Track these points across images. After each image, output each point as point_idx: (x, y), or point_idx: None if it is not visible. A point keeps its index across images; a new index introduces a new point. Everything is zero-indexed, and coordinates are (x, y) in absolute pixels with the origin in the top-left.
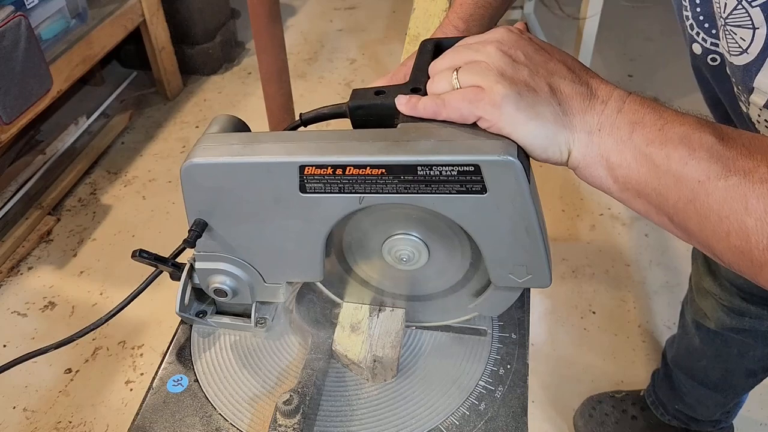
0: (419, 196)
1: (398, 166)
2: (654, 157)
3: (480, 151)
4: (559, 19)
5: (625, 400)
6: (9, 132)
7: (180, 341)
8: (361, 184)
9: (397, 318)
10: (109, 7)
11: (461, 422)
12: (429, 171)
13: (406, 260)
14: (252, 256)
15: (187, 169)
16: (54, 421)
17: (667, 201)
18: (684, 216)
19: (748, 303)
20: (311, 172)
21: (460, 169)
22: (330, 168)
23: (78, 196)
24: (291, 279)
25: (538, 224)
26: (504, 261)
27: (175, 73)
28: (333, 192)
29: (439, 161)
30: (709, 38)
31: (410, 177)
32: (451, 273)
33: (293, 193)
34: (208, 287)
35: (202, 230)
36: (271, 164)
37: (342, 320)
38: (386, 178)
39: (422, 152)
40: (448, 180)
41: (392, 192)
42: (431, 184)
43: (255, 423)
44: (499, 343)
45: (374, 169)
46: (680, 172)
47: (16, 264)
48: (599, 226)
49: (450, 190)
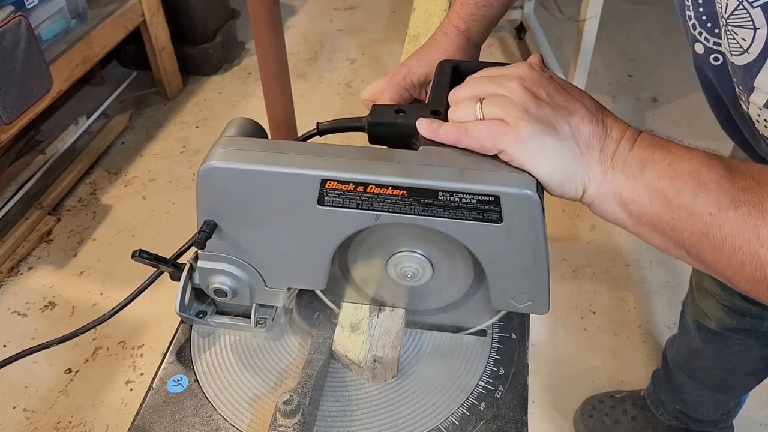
0: (436, 220)
1: (420, 189)
2: (666, 192)
3: (502, 182)
4: (559, 20)
5: (626, 400)
6: (9, 132)
7: (180, 341)
8: (380, 203)
9: (398, 318)
10: (109, 7)
11: (461, 422)
12: (450, 197)
13: (410, 277)
14: (257, 261)
15: (205, 171)
16: (54, 421)
17: (682, 234)
18: (699, 249)
19: (749, 303)
20: (332, 187)
21: (480, 198)
22: (352, 184)
23: (78, 196)
24: (293, 285)
25: (546, 256)
26: (508, 288)
27: (175, 73)
28: (351, 207)
29: (462, 189)
30: (711, 38)
31: (430, 201)
32: (451, 292)
33: (311, 205)
34: (208, 287)
35: (212, 231)
36: (293, 175)
37: (342, 320)
38: (406, 199)
39: (445, 178)
40: (466, 207)
41: (409, 213)
42: (449, 209)
43: (255, 423)
44: (499, 343)
45: (396, 190)
46: (691, 205)
47: (16, 264)
48: (599, 226)
49: (467, 217)
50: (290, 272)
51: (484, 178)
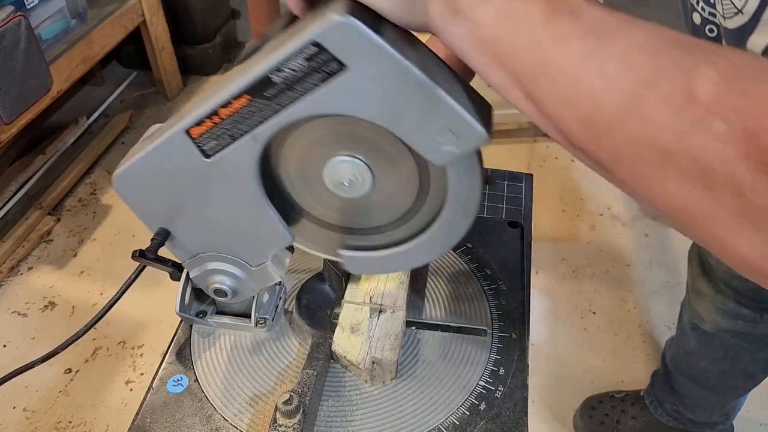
0: (297, 105)
1: (253, 85)
2: (514, 15)
3: (311, 25)
4: None
5: (625, 401)
6: (9, 132)
7: (180, 341)
8: (242, 122)
9: (398, 320)
10: (109, 7)
11: (461, 422)
12: (281, 73)
13: (349, 184)
14: (220, 244)
15: (115, 184)
16: (54, 421)
17: (522, 66)
18: (535, 83)
19: (741, 306)
20: (197, 133)
21: (306, 55)
22: (206, 120)
23: (78, 196)
24: (267, 251)
25: (425, 77)
26: (419, 131)
27: (175, 73)
28: (229, 143)
29: (283, 57)
30: (707, 7)
31: (273, 90)
32: (400, 198)
33: (201, 163)
34: (208, 287)
35: (165, 238)
36: (165, 142)
37: (342, 321)
38: (256, 102)
39: (265, 59)
40: (305, 73)
41: (272, 114)
42: (294, 87)
43: (255, 423)
44: (499, 342)
45: (238, 100)
46: (536, 32)
47: (16, 264)
48: (599, 226)
49: (315, 83)
50: (252, 239)
51: (299, 34)
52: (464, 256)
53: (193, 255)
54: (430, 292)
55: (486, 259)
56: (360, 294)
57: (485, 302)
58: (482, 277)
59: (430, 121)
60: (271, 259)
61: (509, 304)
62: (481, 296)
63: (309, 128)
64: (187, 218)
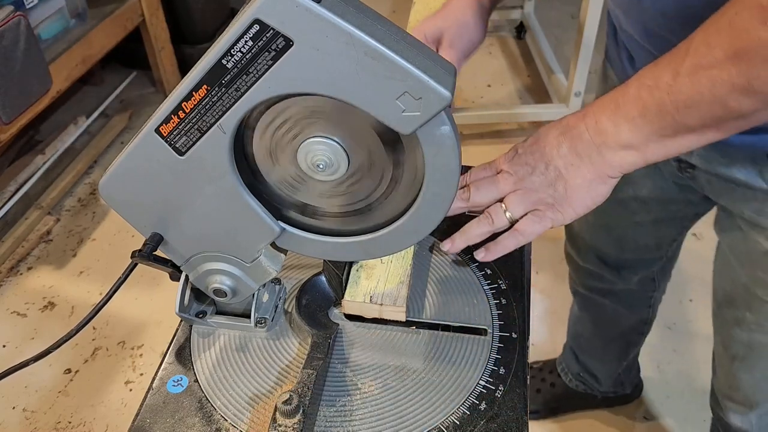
0: (254, 89)
1: (207, 73)
2: (634, 117)
3: (250, 7)
4: (559, 19)
5: (543, 369)
6: (9, 132)
7: (180, 341)
8: (207, 114)
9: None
10: (108, 7)
11: (461, 422)
12: (232, 58)
13: (324, 166)
14: (212, 243)
15: (101, 193)
16: (54, 421)
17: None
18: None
19: (602, 263)
20: (167, 130)
21: (251, 35)
22: (173, 116)
23: (78, 196)
24: (257, 245)
25: (372, 41)
26: (378, 99)
27: (175, 73)
28: (198, 138)
29: (231, 39)
30: None
31: (228, 77)
32: (378, 172)
33: (177, 161)
34: (207, 287)
35: (157, 242)
36: (140, 144)
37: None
38: (215, 92)
39: (216, 47)
40: (256, 54)
41: (233, 102)
42: (248, 70)
43: (255, 423)
44: (500, 342)
45: (198, 92)
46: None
47: (16, 264)
48: None
49: (267, 63)
50: (240, 234)
51: (241, 15)
52: (464, 255)
53: (187, 257)
54: (431, 291)
55: None
56: (360, 294)
57: (486, 302)
58: (483, 277)
59: (387, 87)
60: (264, 254)
61: (509, 303)
62: (481, 296)
63: (279, 113)
64: (175, 219)
